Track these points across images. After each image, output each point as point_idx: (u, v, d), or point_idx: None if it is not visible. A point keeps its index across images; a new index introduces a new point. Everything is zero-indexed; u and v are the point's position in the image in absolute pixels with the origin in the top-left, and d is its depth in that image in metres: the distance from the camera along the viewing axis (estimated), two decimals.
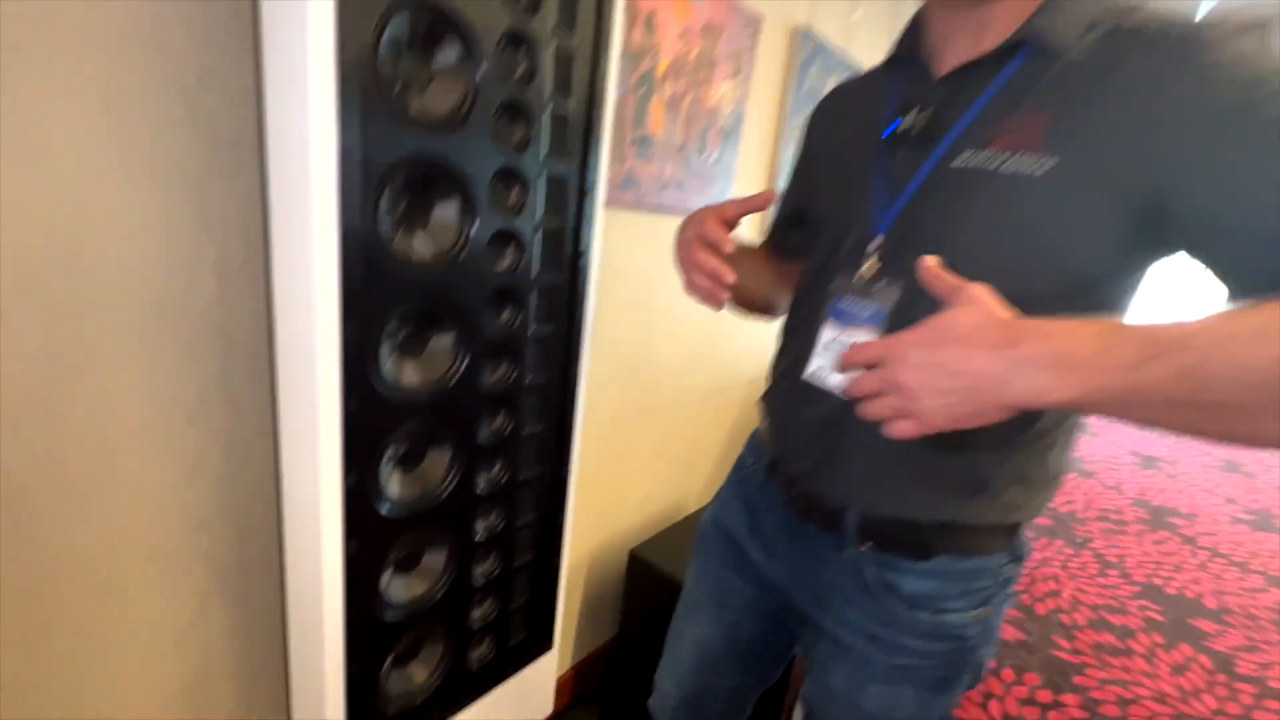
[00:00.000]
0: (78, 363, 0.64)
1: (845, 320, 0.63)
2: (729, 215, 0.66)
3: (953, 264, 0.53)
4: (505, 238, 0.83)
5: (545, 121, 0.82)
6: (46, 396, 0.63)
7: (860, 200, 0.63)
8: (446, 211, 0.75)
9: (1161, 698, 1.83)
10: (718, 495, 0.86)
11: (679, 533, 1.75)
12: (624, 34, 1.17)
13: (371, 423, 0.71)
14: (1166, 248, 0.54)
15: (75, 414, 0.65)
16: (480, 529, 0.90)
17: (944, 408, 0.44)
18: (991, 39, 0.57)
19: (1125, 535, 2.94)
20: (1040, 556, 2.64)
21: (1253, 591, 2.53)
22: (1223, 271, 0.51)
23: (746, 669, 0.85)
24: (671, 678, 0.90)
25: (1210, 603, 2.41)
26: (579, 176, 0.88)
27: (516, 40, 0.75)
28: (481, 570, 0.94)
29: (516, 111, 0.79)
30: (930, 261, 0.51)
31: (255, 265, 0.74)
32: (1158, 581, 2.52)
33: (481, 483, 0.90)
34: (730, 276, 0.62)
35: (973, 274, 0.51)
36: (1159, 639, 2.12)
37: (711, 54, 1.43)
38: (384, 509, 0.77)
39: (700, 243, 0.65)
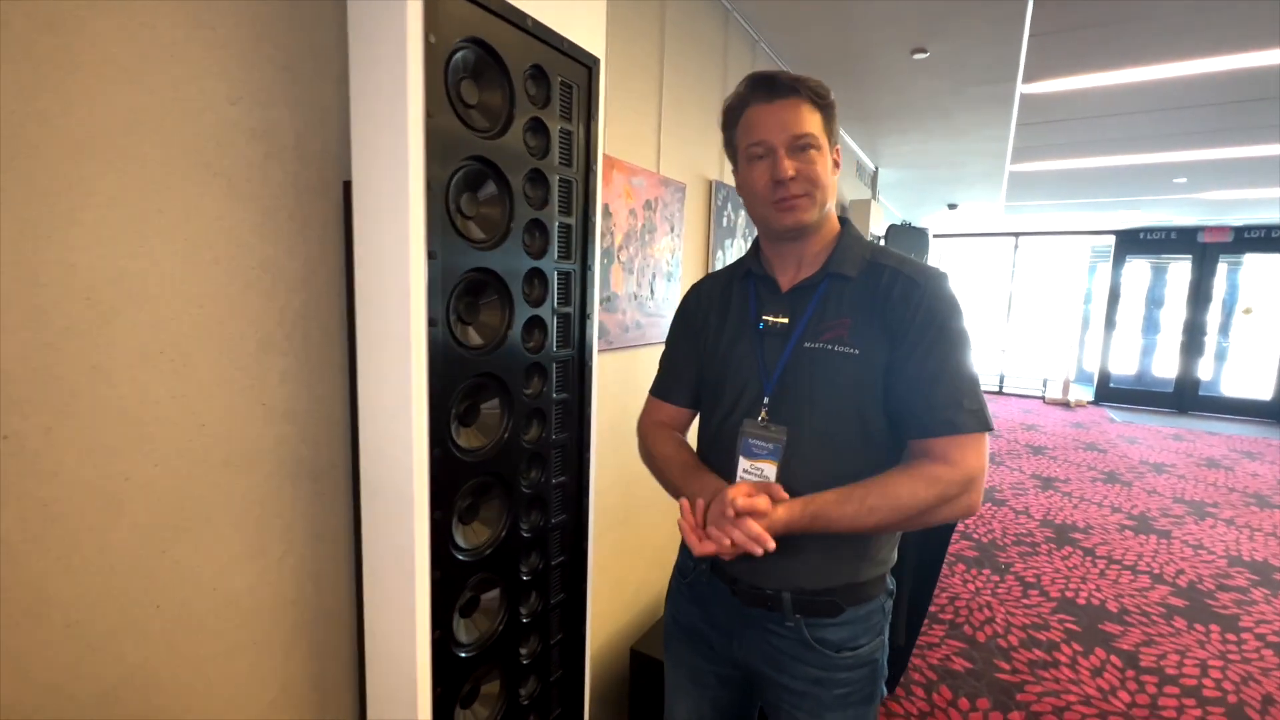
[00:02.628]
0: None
1: (753, 454, 0.89)
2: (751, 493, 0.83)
3: (810, 405, 0.87)
4: (533, 322, 1.04)
5: (555, 231, 1.06)
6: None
7: (751, 369, 0.92)
8: (492, 305, 0.97)
9: (1086, 700, 2.15)
10: (670, 598, 1.07)
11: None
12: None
13: (446, 475, 0.88)
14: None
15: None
16: (524, 569, 1.08)
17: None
18: (808, 267, 0.92)
19: (1038, 556, 3.37)
20: (973, 587, 3.00)
21: (1143, 590, 2.98)
22: (894, 419, 0.86)
23: None
24: None
25: (1113, 606, 2.82)
26: (580, 270, 1.14)
27: (534, 176, 1.01)
28: (526, 609, 1.09)
29: (536, 227, 1.01)
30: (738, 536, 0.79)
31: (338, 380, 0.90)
32: (1069, 594, 2.93)
33: (524, 527, 1.07)
34: (770, 544, 0.79)
35: (821, 410, 0.86)
36: (1078, 647, 2.48)
37: (653, 221, 1.78)
38: (457, 554, 0.93)
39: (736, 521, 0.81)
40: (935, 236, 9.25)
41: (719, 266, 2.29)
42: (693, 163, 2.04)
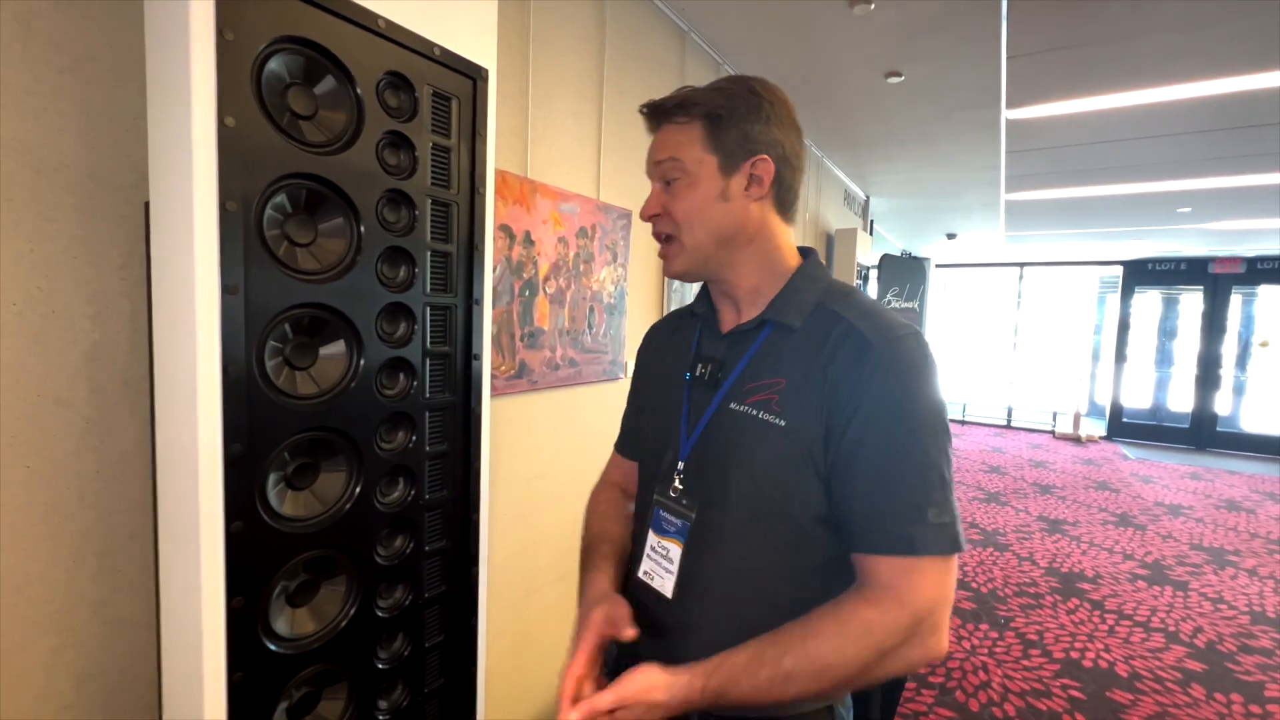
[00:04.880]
0: None
1: (661, 530, 0.75)
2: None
3: (725, 482, 0.68)
4: (397, 365, 0.90)
5: (426, 261, 0.92)
6: None
7: (673, 427, 0.77)
8: (336, 346, 0.83)
9: None
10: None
11: None
12: (501, 245, 1.34)
13: (256, 553, 0.73)
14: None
15: None
16: (382, 655, 0.92)
17: None
18: (749, 308, 0.75)
19: (1042, 609, 3.11)
20: (968, 644, 2.75)
21: (1156, 652, 2.71)
22: (836, 523, 0.66)
23: None
24: None
25: (1122, 670, 2.56)
26: (464, 304, 0.99)
27: (395, 197, 0.87)
28: (387, 704, 0.93)
29: (399, 255, 0.89)
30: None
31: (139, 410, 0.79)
32: (1075, 655, 2.67)
33: (382, 607, 0.91)
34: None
35: (739, 491, 0.68)
36: (1082, 719, 2.23)
37: (589, 250, 1.65)
38: (274, 645, 0.77)
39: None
40: (937, 266, 9.11)
41: (673, 297, 2.15)
42: (642, 188, 1.91)
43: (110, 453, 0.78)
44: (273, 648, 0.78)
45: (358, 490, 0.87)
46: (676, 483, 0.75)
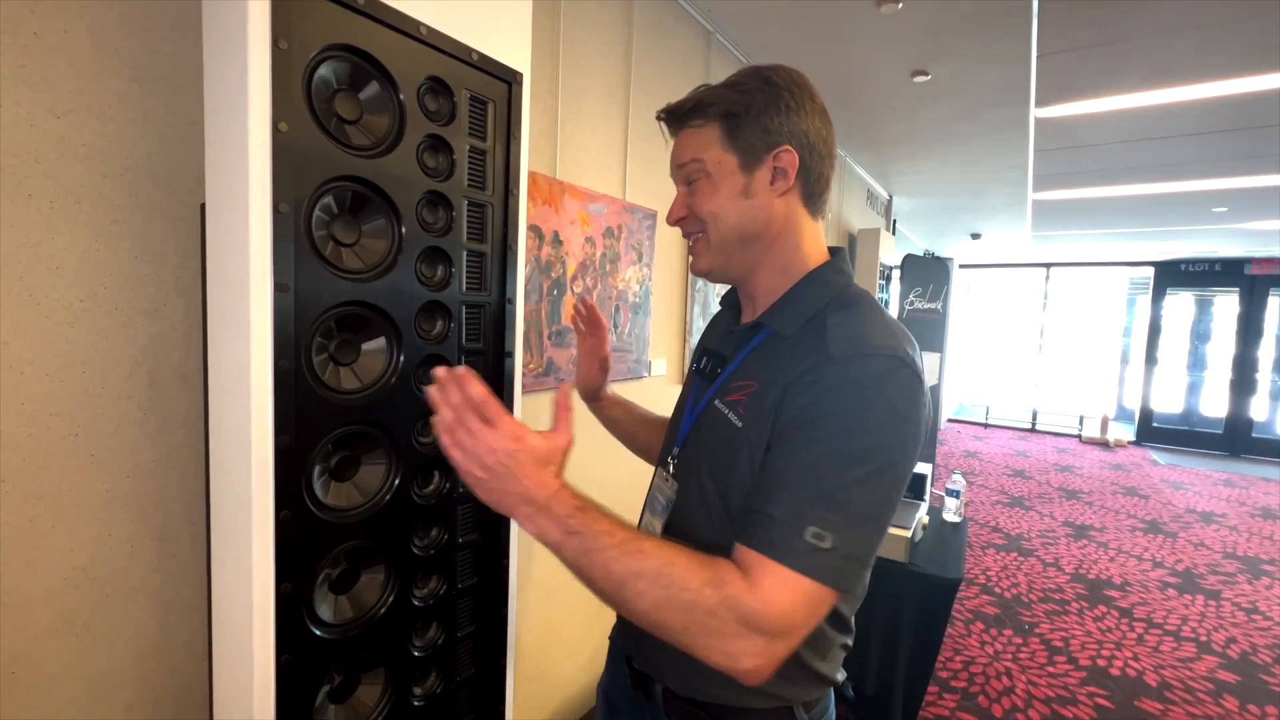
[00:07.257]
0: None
1: (653, 508, 0.79)
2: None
3: (699, 473, 0.72)
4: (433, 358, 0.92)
5: (463, 261, 0.95)
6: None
7: (680, 412, 0.81)
8: (377, 343, 0.86)
9: None
10: (608, 661, 0.92)
11: None
12: (530, 245, 1.37)
13: (302, 541, 0.76)
14: None
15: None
16: (418, 644, 0.94)
17: (481, 491, 0.57)
18: (760, 308, 0.75)
19: (1067, 616, 3.06)
20: (991, 650, 2.72)
21: (1187, 662, 2.66)
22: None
23: None
24: None
25: (1151, 679, 2.51)
26: (498, 303, 1.02)
27: (434, 199, 0.89)
28: (422, 690, 0.96)
29: (437, 255, 0.90)
30: (562, 394, 0.62)
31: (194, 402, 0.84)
32: (1101, 663, 2.63)
33: (418, 596, 0.93)
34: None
35: (708, 482, 0.70)
36: None
37: (616, 250, 1.67)
38: (318, 630, 0.80)
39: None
40: (961, 267, 8.98)
41: (697, 297, 2.16)
42: (667, 189, 1.93)
43: (166, 443, 0.82)
44: (317, 633, 0.81)
45: (396, 483, 0.89)
46: (671, 467, 0.79)
